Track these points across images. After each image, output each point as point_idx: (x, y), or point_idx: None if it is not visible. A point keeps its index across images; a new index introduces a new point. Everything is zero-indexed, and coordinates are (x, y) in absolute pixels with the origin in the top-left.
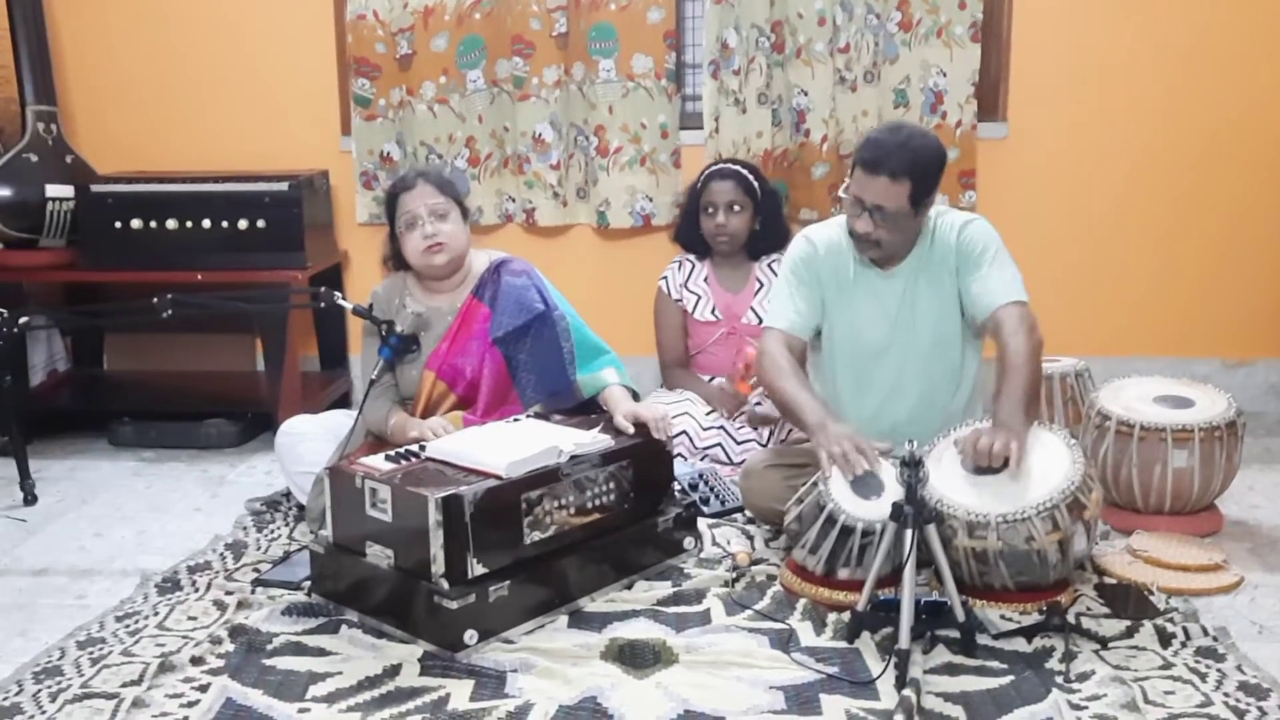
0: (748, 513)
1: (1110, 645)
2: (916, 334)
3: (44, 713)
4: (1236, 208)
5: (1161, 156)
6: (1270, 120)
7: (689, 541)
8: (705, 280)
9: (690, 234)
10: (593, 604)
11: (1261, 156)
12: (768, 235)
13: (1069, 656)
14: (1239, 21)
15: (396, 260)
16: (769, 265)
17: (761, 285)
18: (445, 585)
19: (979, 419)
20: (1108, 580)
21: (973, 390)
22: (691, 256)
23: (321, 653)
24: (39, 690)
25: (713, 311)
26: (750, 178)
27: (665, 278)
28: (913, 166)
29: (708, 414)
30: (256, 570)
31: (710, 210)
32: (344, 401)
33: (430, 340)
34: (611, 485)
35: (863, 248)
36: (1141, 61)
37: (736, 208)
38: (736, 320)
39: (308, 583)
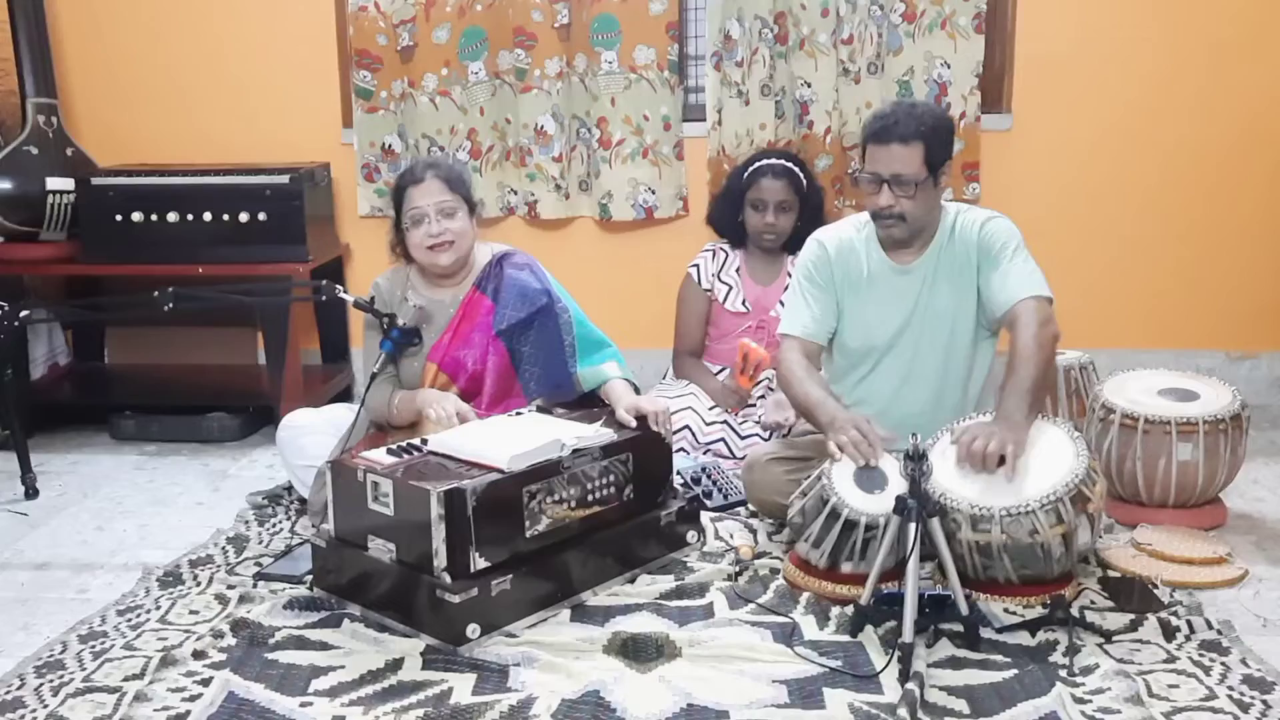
0: (751, 506)
1: (1114, 639)
2: (933, 329)
3: (46, 706)
4: (1242, 199)
5: (1167, 148)
6: (1276, 112)
7: (692, 535)
8: (737, 271)
9: (727, 221)
10: (595, 598)
11: (1268, 148)
12: (807, 231)
13: (1073, 650)
14: (1247, 11)
15: (402, 248)
16: None
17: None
18: (447, 579)
19: (988, 412)
20: (1111, 574)
21: (984, 385)
22: (725, 245)
23: (324, 647)
24: (41, 684)
25: (743, 303)
26: (801, 176)
27: (697, 265)
28: (920, 128)
29: (710, 408)
30: (258, 564)
31: (759, 207)
32: (346, 395)
33: (432, 333)
34: (614, 479)
35: (886, 226)
36: (1147, 52)
37: (787, 207)
38: (765, 313)
39: (309, 577)
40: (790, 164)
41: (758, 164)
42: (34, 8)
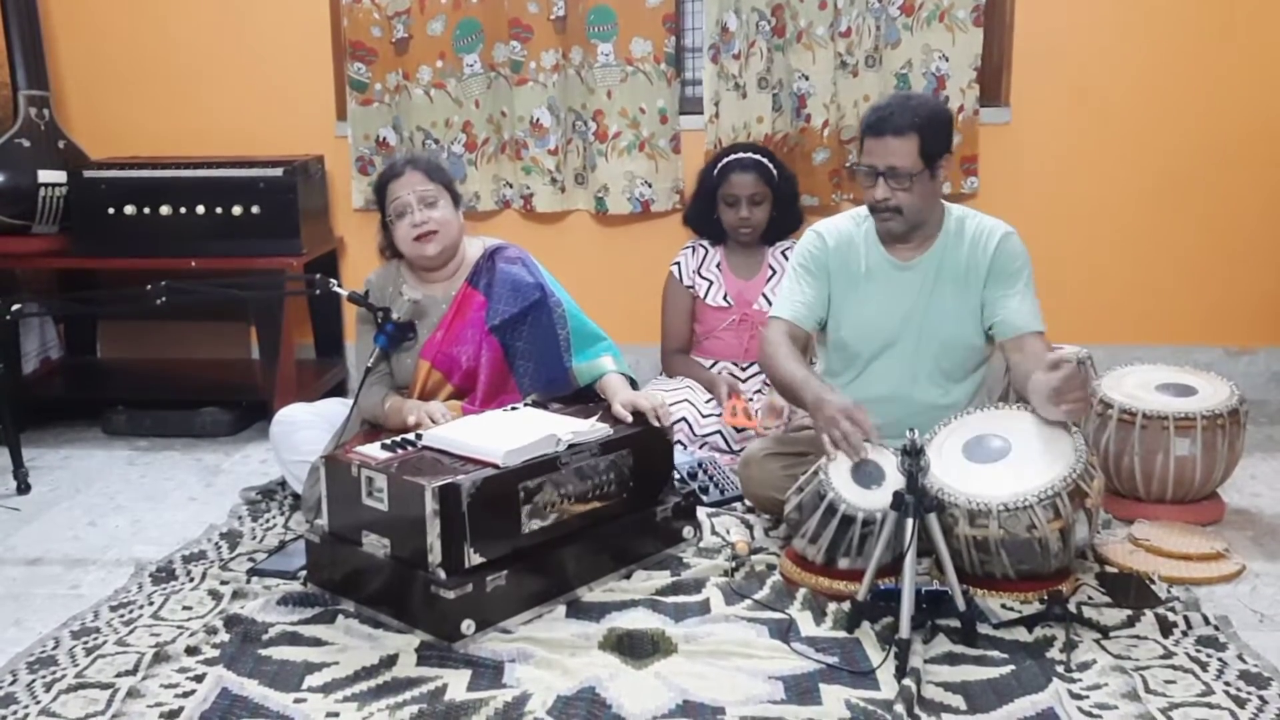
0: (747, 502)
1: (1111, 634)
2: (931, 328)
3: (39, 703)
4: (1240, 194)
5: (1165, 143)
6: (1275, 107)
7: (688, 531)
8: (718, 266)
9: (703, 219)
10: (591, 594)
11: (1265, 143)
12: (783, 221)
13: (1070, 646)
14: (1245, 6)
15: (391, 249)
16: (782, 252)
17: (774, 272)
18: (442, 575)
19: (984, 409)
20: (1109, 569)
21: (980, 383)
22: (705, 242)
23: (317, 643)
24: (33, 680)
25: (724, 298)
26: (770, 167)
27: (678, 262)
28: (915, 119)
29: (707, 401)
30: (252, 560)
31: (732, 203)
32: (339, 390)
33: (425, 328)
34: (610, 474)
35: (884, 219)
36: (1145, 46)
37: (759, 199)
38: (748, 306)
39: (303, 572)
40: (759, 156)
41: (726, 160)
42: (26, 0)
